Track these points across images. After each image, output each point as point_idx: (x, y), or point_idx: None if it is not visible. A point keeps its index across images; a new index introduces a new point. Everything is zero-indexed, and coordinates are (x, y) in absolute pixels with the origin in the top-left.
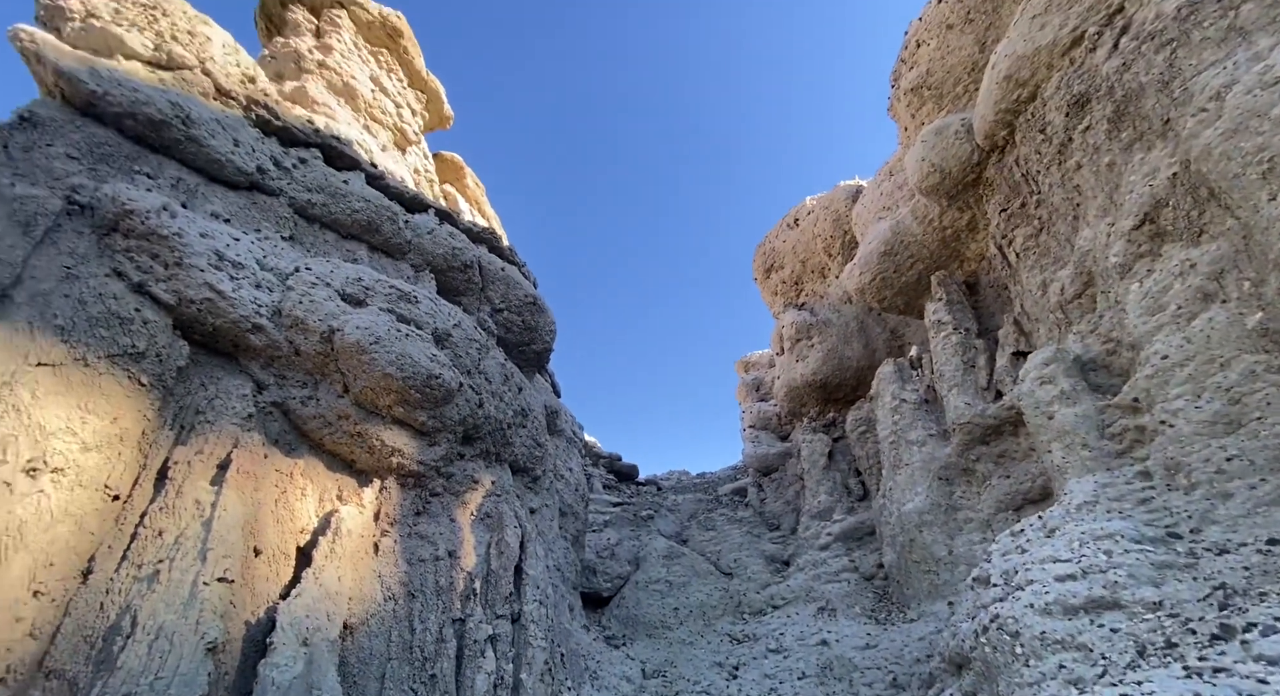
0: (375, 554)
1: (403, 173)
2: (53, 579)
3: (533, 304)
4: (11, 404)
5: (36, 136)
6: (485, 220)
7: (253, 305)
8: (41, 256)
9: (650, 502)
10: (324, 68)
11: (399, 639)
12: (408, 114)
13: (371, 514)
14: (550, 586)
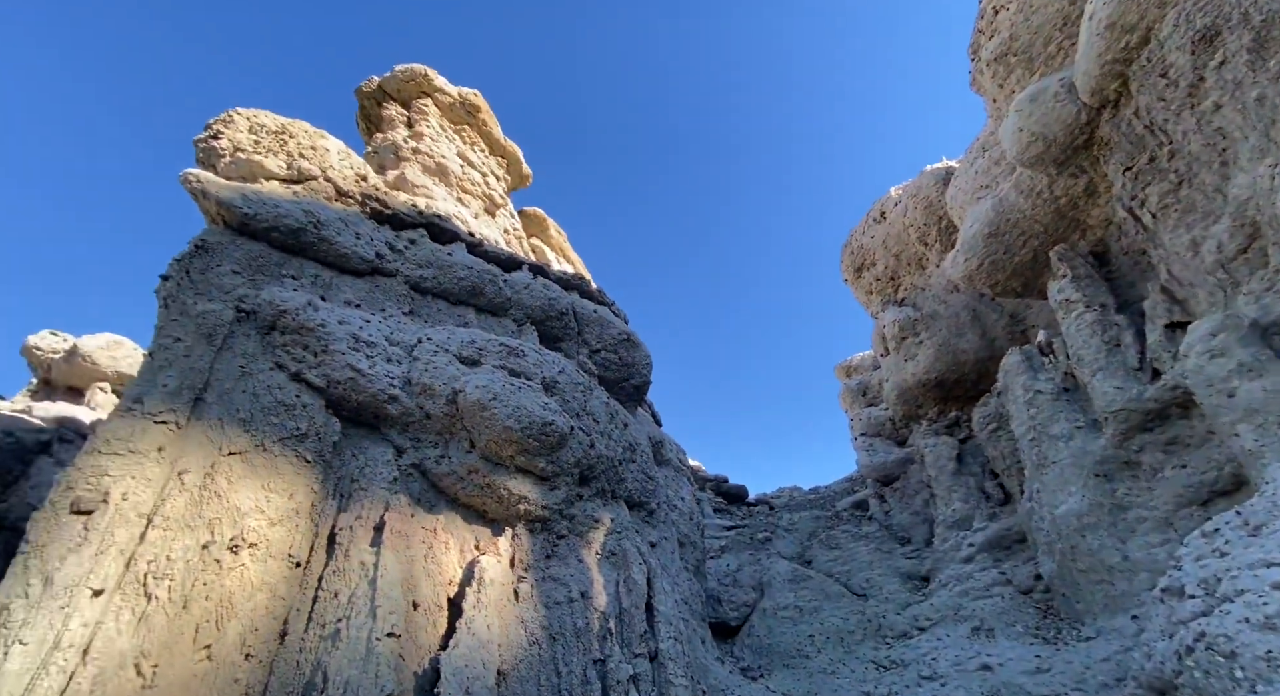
0: (516, 600)
1: (495, 235)
2: (258, 642)
3: (626, 340)
4: (214, 491)
5: (209, 260)
6: (571, 265)
7: (386, 379)
8: (222, 361)
9: (765, 524)
10: (418, 153)
11: (547, 682)
12: (493, 180)
13: (508, 561)
14: (681, 621)
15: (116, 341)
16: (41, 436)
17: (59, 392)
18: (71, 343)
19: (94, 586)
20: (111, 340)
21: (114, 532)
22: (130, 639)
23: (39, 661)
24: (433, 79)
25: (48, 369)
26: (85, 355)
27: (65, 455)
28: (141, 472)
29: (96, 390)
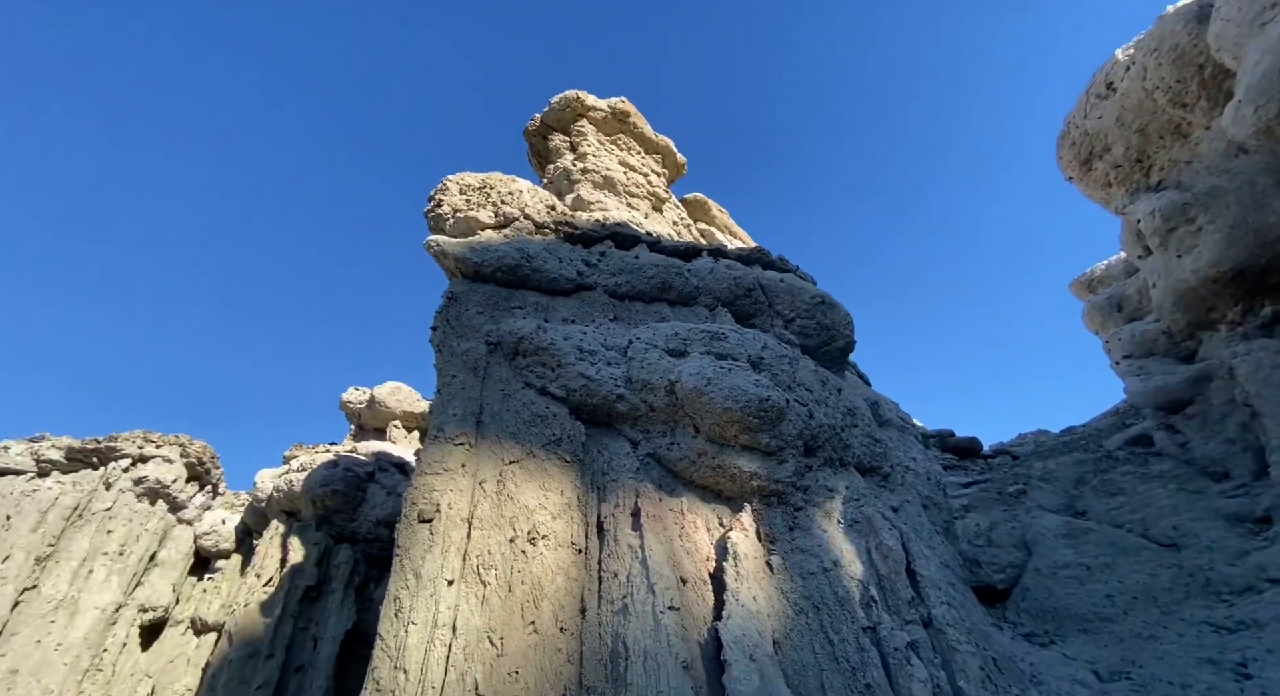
0: (771, 572)
1: (666, 230)
2: (566, 617)
3: (821, 303)
4: (506, 494)
5: (459, 307)
6: (741, 241)
7: (611, 381)
8: (487, 387)
9: (1011, 476)
10: (586, 172)
11: (822, 650)
12: (654, 177)
13: (754, 535)
14: (949, 585)
15: (397, 387)
16: (368, 468)
17: (369, 433)
18: (369, 393)
19: (447, 578)
20: (394, 387)
21: (449, 534)
22: (481, 617)
23: (427, 636)
24: (584, 100)
25: (358, 416)
26: (380, 401)
27: (386, 481)
28: (455, 485)
29: (392, 427)
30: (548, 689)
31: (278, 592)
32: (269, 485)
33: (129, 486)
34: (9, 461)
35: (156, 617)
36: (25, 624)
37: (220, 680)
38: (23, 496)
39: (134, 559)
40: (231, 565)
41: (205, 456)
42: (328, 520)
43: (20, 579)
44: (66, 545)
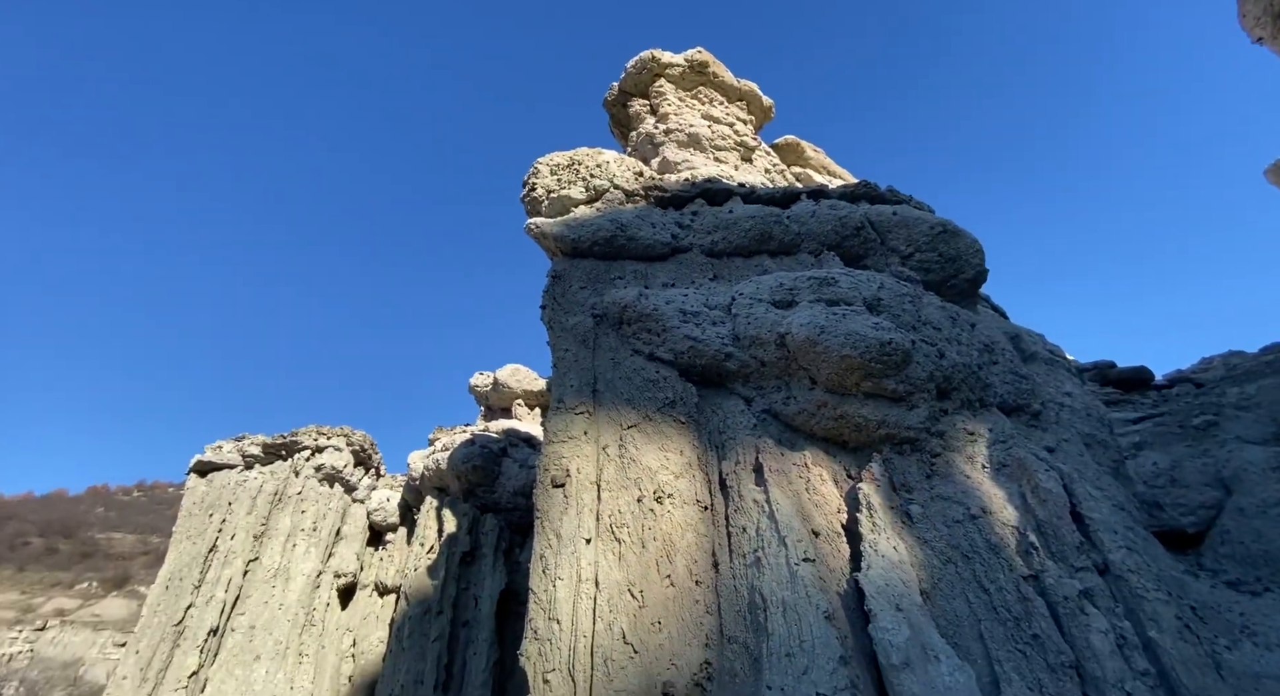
0: (910, 522)
1: (759, 179)
2: (700, 571)
3: (942, 232)
4: (629, 457)
5: (563, 284)
6: (842, 180)
7: (718, 340)
8: (598, 358)
9: (1194, 406)
10: (669, 133)
11: (977, 600)
12: (740, 126)
13: (887, 485)
14: (1127, 529)
15: (516, 368)
16: (500, 444)
17: (497, 413)
18: (492, 377)
19: (584, 536)
20: (513, 368)
21: (581, 497)
22: (619, 572)
23: (573, 590)
24: (659, 58)
25: (485, 398)
26: (502, 383)
27: (517, 454)
28: (580, 451)
29: (516, 406)
30: (690, 638)
31: (439, 558)
32: (419, 465)
33: (311, 473)
34: (223, 458)
35: (348, 582)
36: (254, 589)
37: (404, 633)
38: (237, 486)
39: (324, 533)
40: (399, 536)
41: (366, 444)
42: (472, 493)
43: (245, 552)
44: (274, 523)
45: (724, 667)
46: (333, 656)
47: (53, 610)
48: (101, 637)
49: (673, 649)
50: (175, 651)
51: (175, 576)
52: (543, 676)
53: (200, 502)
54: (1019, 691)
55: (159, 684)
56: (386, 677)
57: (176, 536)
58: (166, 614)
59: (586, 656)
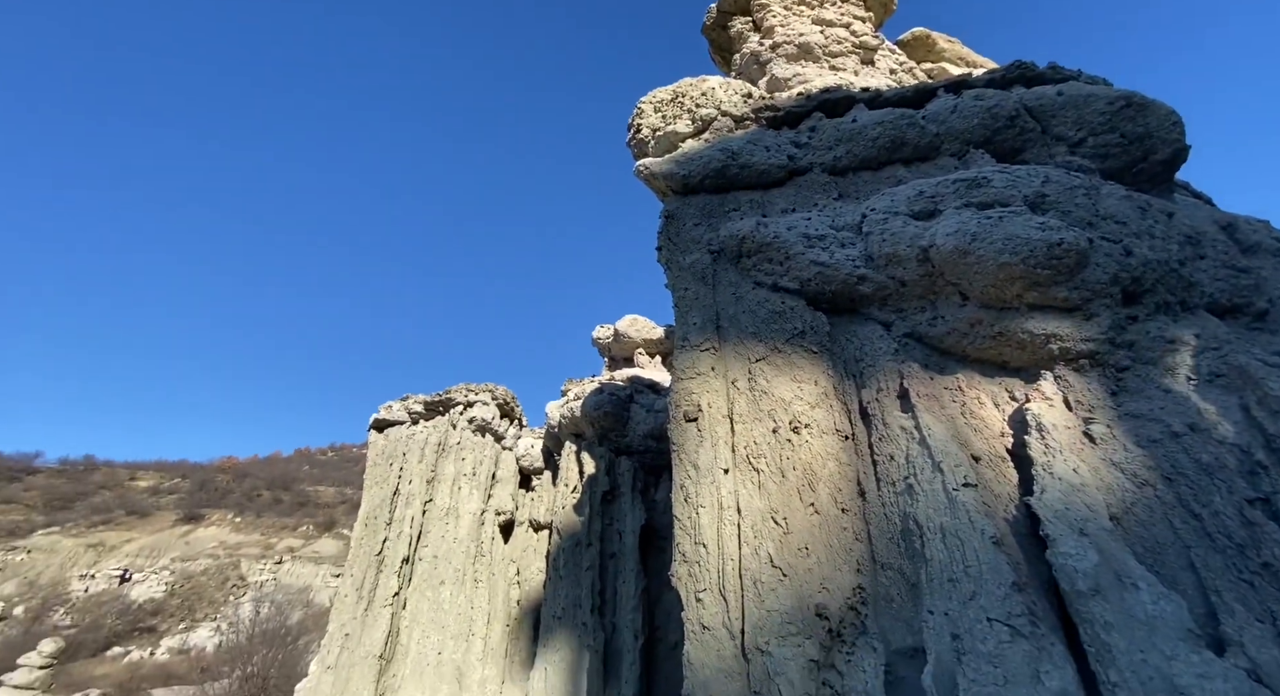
0: (1092, 443)
1: (882, 82)
2: (844, 499)
3: (1124, 107)
4: (760, 390)
5: (676, 224)
6: (983, 67)
7: (849, 263)
8: (719, 294)
9: None
10: (776, 48)
11: (1185, 526)
12: (858, 26)
13: (1061, 405)
14: None
15: (634, 319)
16: (627, 391)
17: (619, 363)
18: (612, 328)
19: (722, 467)
20: (631, 319)
21: (714, 430)
22: (760, 500)
23: (716, 517)
24: None
25: (608, 349)
26: (623, 334)
27: (643, 400)
28: (709, 387)
29: (637, 355)
30: (840, 564)
31: (582, 497)
32: (556, 414)
33: (466, 425)
34: (393, 416)
35: (506, 519)
36: (432, 525)
37: (560, 563)
38: (407, 439)
39: (482, 477)
40: (545, 479)
41: (508, 398)
42: (605, 437)
43: (421, 495)
44: (440, 470)
45: (878, 593)
46: (502, 582)
47: (285, 548)
48: (321, 569)
49: (822, 573)
50: (379, 576)
51: (371, 516)
52: (695, 595)
53: (381, 454)
54: (1242, 622)
55: (371, 602)
56: (548, 601)
57: (367, 483)
58: (368, 546)
59: (735, 578)
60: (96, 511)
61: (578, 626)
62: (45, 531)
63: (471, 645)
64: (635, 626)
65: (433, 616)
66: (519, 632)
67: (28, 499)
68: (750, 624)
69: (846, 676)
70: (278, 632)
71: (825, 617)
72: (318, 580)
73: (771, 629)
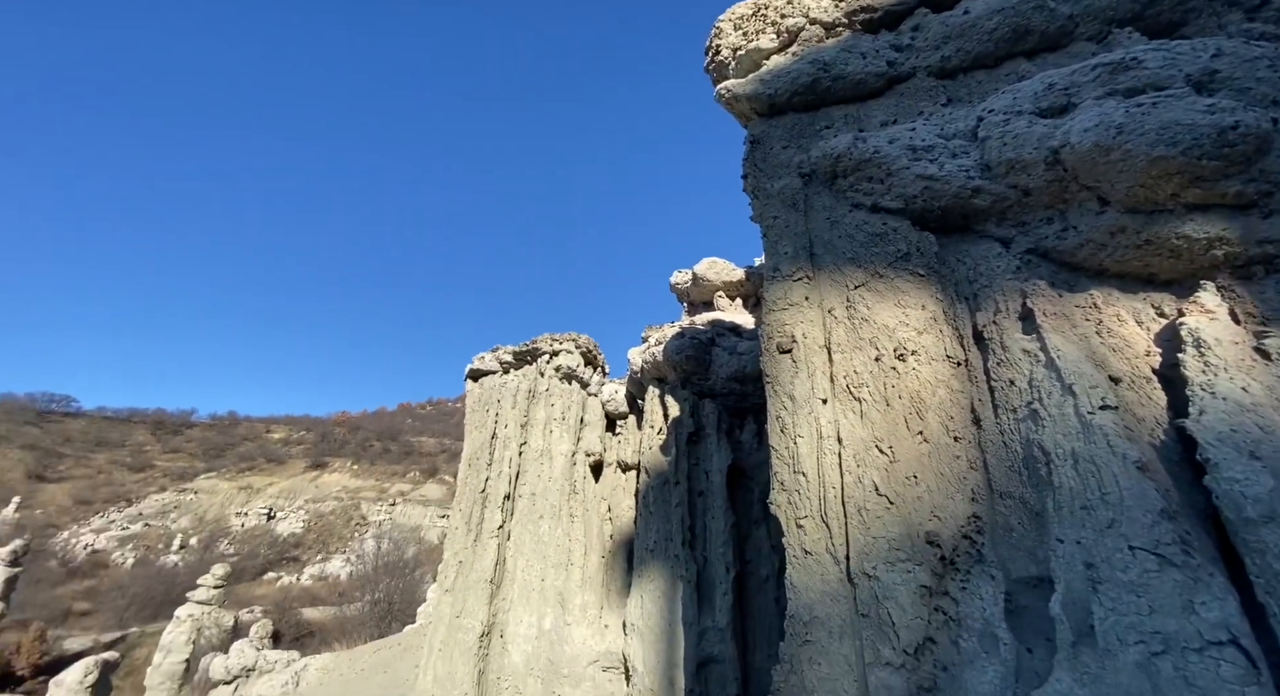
0: (1267, 360)
1: None
2: (957, 427)
3: None
4: (860, 318)
5: (762, 149)
6: None
7: (962, 174)
8: (811, 221)
9: None
10: None
11: None
12: None
13: (1226, 318)
14: None
15: (712, 261)
16: (708, 334)
17: (699, 307)
18: (690, 273)
19: (820, 397)
20: (709, 262)
21: (811, 361)
22: (863, 430)
23: (815, 446)
24: None
25: (686, 295)
26: (701, 277)
27: (725, 343)
28: (804, 317)
29: (717, 298)
30: (952, 492)
31: (668, 438)
32: (638, 360)
33: (553, 373)
34: (486, 366)
35: (596, 459)
36: (528, 466)
37: (649, 501)
38: (500, 387)
39: (571, 421)
40: (629, 423)
41: (591, 346)
42: (688, 381)
43: (516, 438)
44: (532, 415)
45: (996, 522)
46: (595, 518)
47: (396, 492)
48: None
49: (933, 502)
50: (484, 511)
51: (473, 457)
52: (795, 522)
53: (478, 401)
54: None
55: (479, 534)
56: (640, 535)
57: (467, 427)
58: (473, 485)
59: (838, 505)
60: (243, 459)
61: (670, 558)
62: (205, 476)
63: (571, 573)
64: (726, 560)
65: (534, 547)
66: (613, 563)
67: (189, 449)
68: (855, 550)
69: (961, 603)
70: (397, 564)
71: (937, 545)
72: (426, 520)
73: (878, 555)
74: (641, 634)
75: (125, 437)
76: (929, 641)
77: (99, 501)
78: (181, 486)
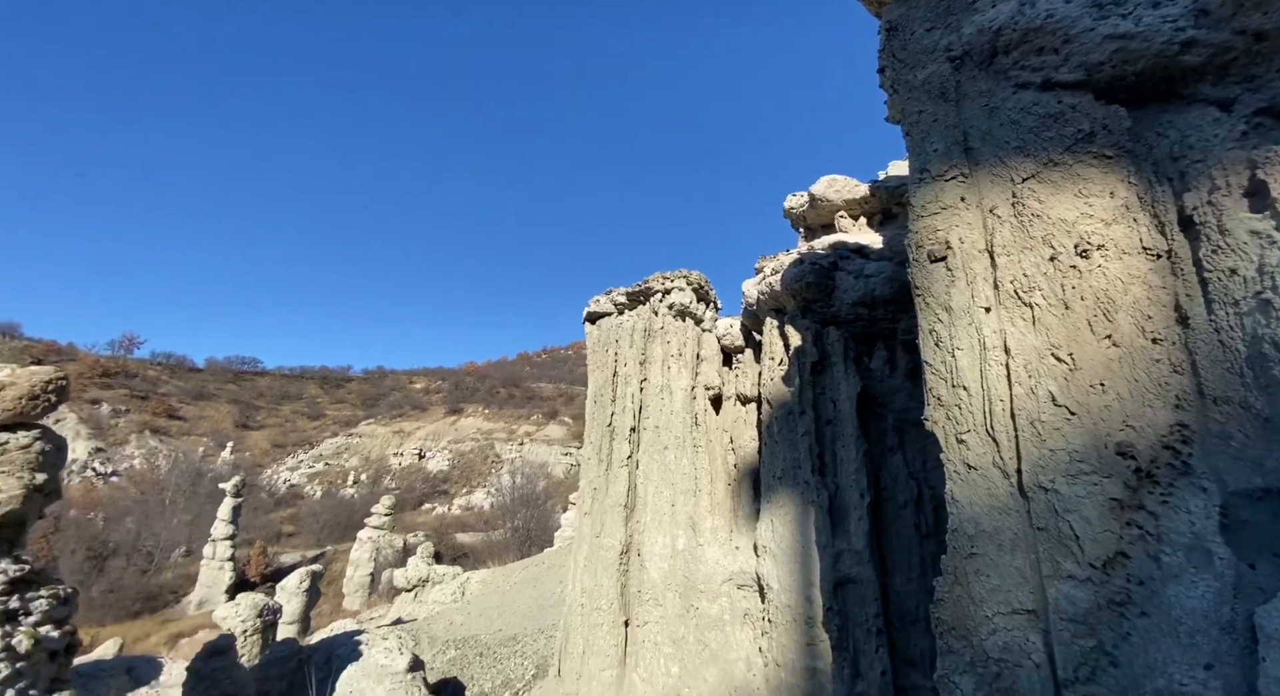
0: None
1: None
2: (1155, 327)
3: None
4: (1029, 213)
5: (902, 35)
6: None
7: (1166, 28)
8: (965, 110)
9: None
10: None
11: None
12: None
13: None
14: None
15: (832, 179)
16: (830, 259)
17: (816, 231)
18: (806, 195)
19: (982, 306)
20: (829, 180)
21: (969, 267)
22: (1035, 337)
23: (978, 358)
24: None
25: (803, 219)
26: (820, 197)
27: (849, 266)
28: (960, 219)
29: (838, 219)
30: (1150, 400)
31: (791, 368)
32: (753, 291)
33: (666, 311)
34: (602, 308)
35: (714, 393)
36: (650, 400)
37: (774, 430)
38: (617, 327)
39: (688, 357)
40: (746, 356)
41: (702, 282)
42: (809, 309)
43: (636, 375)
44: (650, 353)
45: (1208, 430)
46: (719, 448)
47: (523, 433)
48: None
49: (1124, 410)
50: (613, 443)
51: (597, 394)
52: (956, 437)
53: (597, 343)
54: None
55: (610, 464)
56: (766, 464)
57: (590, 367)
58: (600, 419)
59: (1006, 418)
60: (393, 407)
61: (800, 485)
62: (366, 422)
63: (699, 499)
64: (860, 486)
65: (662, 475)
66: (740, 491)
67: (350, 399)
68: (1028, 463)
69: (1162, 518)
70: (530, 496)
71: (1130, 457)
72: (551, 457)
73: (1056, 468)
74: (774, 555)
75: (301, 391)
76: (1120, 556)
77: (289, 444)
78: (348, 431)
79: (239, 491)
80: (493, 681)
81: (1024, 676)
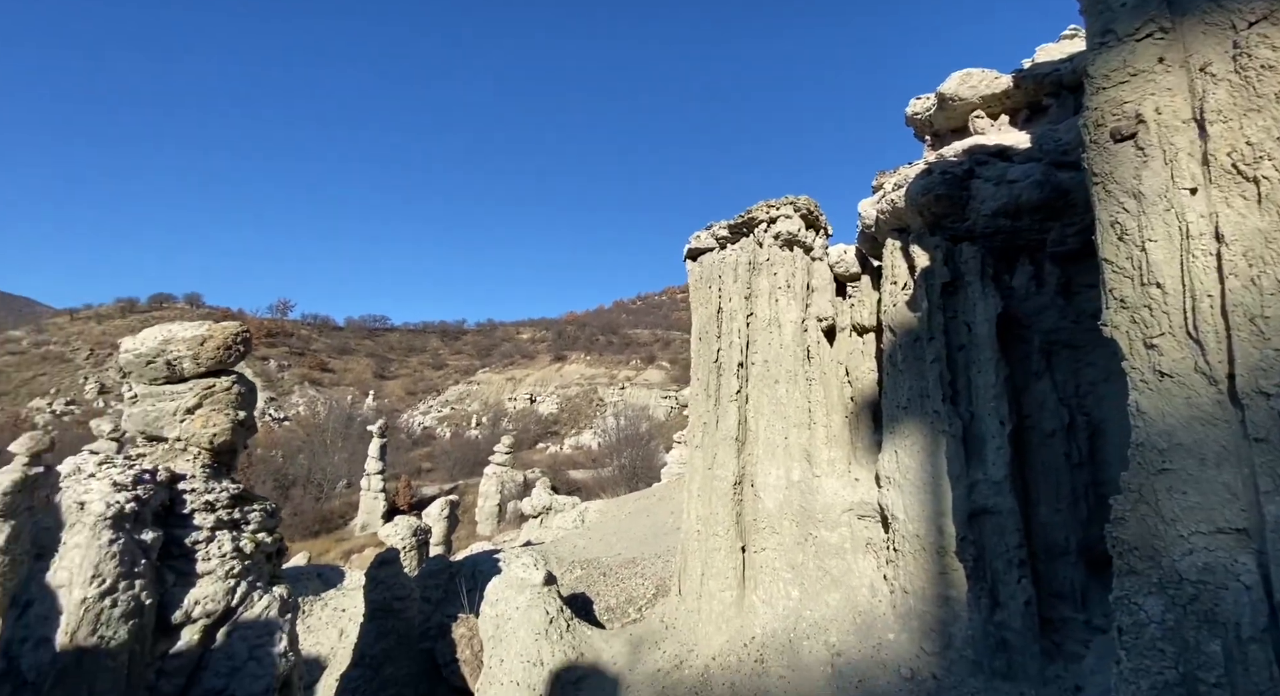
0: None
1: None
2: None
3: None
4: (1257, 65)
5: None
6: None
7: None
8: None
9: None
10: None
11: None
12: None
13: None
14: None
15: (967, 73)
16: (963, 166)
17: (945, 138)
18: (934, 97)
19: (1186, 187)
20: (963, 75)
21: (1170, 141)
22: (1260, 219)
23: (1177, 249)
24: None
25: (929, 125)
26: (950, 96)
27: (987, 173)
28: (1155, 86)
29: (973, 120)
30: None
31: (917, 291)
32: (871, 212)
33: (772, 242)
34: (703, 243)
35: (828, 325)
36: (757, 335)
37: (897, 359)
38: (720, 262)
39: (797, 288)
40: (862, 284)
41: (811, 207)
42: (937, 226)
43: (742, 310)
44: (755, 286)
45: None
46: (834, 380)
47: (624, 377)
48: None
49: None
50: (720, 378)
51: (702, 331)
52: (1144, 343)
53: (700, 279)
54: None
55: (718, 399)
56: (888, 393)
57: (693, 304)
58: (706, 356)
59: (1215, 316)
60: (505, 356)
61: (928, 414)
62: (482, 371)
63: (815, 432)
64: (1000, 414)
65: (774, 409)
66: (858, 423)
67: (467, 350)
68: (1244, 367)
69: None
70: (634, 436)
71: None
72: (651, 400)
73: None
74: (899, 486)
75: (425, 344)
76: None
77: (420, 391)
78: (468, 379)
79: (383, 432)
80: (617, 598)
81: (1229, 599)
